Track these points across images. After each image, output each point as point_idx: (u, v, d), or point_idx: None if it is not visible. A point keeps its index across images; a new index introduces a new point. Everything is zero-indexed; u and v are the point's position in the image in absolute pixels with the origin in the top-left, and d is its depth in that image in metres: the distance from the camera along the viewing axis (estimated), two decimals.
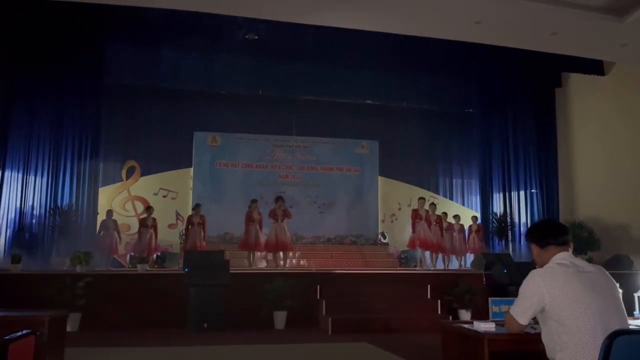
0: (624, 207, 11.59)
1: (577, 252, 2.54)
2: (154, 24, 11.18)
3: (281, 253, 10.41)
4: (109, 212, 10.73)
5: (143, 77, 12.00)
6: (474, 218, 12.25)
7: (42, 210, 10.89)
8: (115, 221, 10.66)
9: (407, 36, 9.99)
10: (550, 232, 2.65)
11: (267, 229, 10.96)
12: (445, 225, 11.53)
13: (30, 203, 10.86)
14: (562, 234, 2.63)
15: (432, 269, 10.83)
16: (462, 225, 11.82)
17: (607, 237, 11.61)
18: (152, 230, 10.49)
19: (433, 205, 11.55)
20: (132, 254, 10.77)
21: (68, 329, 6.22)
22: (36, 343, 2.67)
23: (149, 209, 10.89)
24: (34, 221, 10.81)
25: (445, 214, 11.81)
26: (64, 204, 10.98)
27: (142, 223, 10.60)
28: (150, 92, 12.26)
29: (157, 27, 11.25)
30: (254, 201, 10.62)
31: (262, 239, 10.45)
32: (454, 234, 11.63)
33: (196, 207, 10.81)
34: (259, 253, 11.00)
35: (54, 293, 7.38)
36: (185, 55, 12.15)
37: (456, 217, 11.97)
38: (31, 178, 10.92)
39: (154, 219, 10.69)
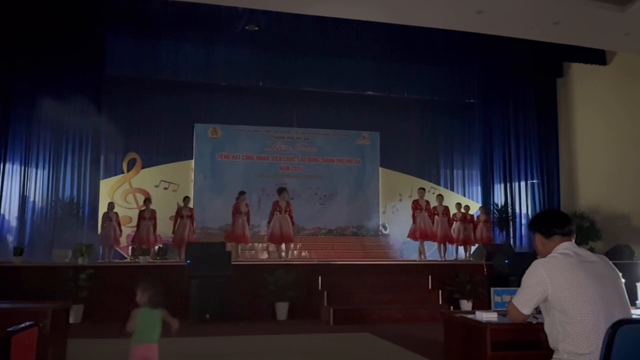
0: (625, 198, 11.58)
1: (578, 243, 2.54)
2: (155, 16, 11.13)
3: (283, 245, 10.41)
4: (111, 204, 10.73)
5: (143, 69, 11.95)
6: (482, 209, 12.25)
7: (44, 203, 10.89)
8: (116, 213, 10.66)
9: (408, 27, 9.94)
10: (556, 221, 2.64)
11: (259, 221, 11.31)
12: (449, 216, 11.48)
13: (32, 195, 10.85)
14: (567, 224, 2.62)
15: (431, 259, 10.84)
16: (472, 216, 11.79)
17: (608, 228, 11.62)
18: (150, 222, 10.48)
19: (440, 196, 11.50)
20: (132, 245, 10.77)
21: (71, 320, 6.24)
22: (39, 335, 2.68)
23: (146, 200, 10.88)
24: (35, 213, 10.81)
25: (447, 207, 11.75)
26: (65, 196, 10.98)
27: (141, 215, 10.59)
28: (151, 83, 12.22)
29: (158, 18, 11.20)
30: (241, 193, 10.56)
31: (248, 231, 10.44)
32: (465, 224, 11.56)
33: (185, 199, 10.81)
34: (261, 245, 11.04)
35: (57, 285, 7.41)
36: (185, 46, 12.10)
37: (466, 207, 11.96)
38: (32, 170, 10.91)
39: (153, 211, 10.67)
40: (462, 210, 11.70)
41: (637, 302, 3.89)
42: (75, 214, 10.84)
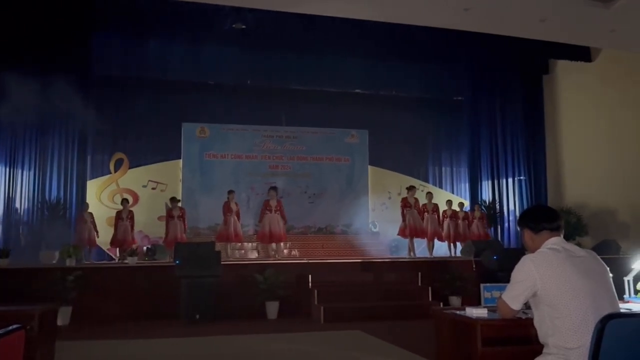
0: (611, 193, 11.71)
1: (565, 238, 2.57)
2: (141, 15, 11.04)
3: (274, 244, 10.39)
4: (85, 205, 10.63)
5: (130, 68, 11.85)
6: (477, 206, 12.30)
7: (30, 204, 10.77)
8: (90, 214, 10.51)
9: (396, 24, 9.94)
10: (544, 217, 2.66)
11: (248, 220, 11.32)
12: (439, 213, 11.50)
13: (18, 197, 10.72)
14: (556, 219, 2.64)
15: (421, 256, 10.88)
16: (466, 213, 11.82)
17: (595, 223, 11.74)
18: (128, 223, 10.37)
19: (430, 194, 11.55)
20: (109, 247, 10.66)
21: (59, 322, 6.17)
22: (26, 337, 2.63)
23: (124, 201, 10.80)
24: (21, 215, 10.69)
25: (436, 205, 11.79)
26: (52, 197, 10.86)
27: (118, 216, 10.48)
28: (138, 83, 12.10)
29: (145, 17, 11.11)
30: (230, 192, 10.55)
31: (240, 230, 10.40)
32: (459, 221, 11.58)
33: (174, 200, 10.76)
34: (250, 244, 10.97)
35: (44, 287, 7.32)
36: (172, 45, 12.01)
37: (460, 204, 12.01)
38: (18, 172, 10.78)
39: (131, 211, 10.57)
40: (456, 207, 11.75)
41: (624, 296, 3.92)
42: (62, 215, 10.73)
